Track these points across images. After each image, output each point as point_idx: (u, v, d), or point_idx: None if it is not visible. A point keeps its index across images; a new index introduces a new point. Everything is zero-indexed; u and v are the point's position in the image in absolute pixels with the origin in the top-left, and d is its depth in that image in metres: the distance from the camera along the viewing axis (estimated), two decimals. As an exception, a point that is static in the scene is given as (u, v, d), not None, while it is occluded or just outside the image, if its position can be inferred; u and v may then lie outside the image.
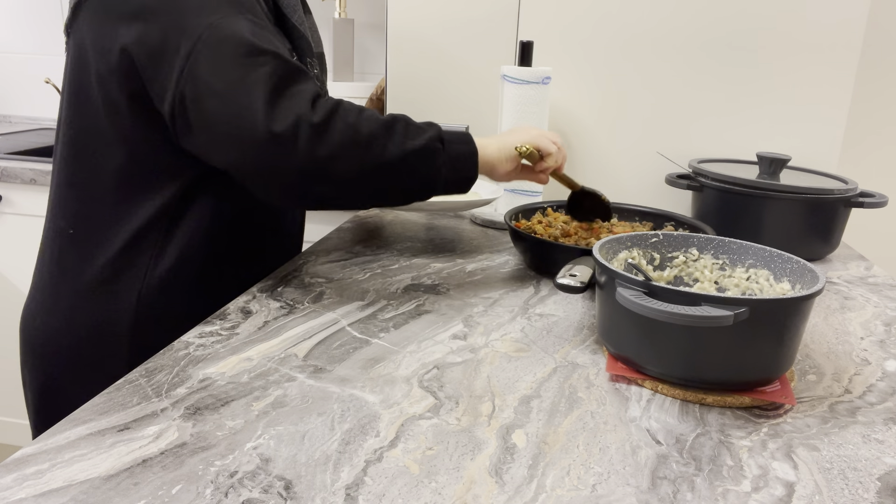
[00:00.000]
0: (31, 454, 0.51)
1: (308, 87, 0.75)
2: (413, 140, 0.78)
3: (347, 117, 0.75)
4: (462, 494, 0.49)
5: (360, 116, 0.76)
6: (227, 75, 0.72)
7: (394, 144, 0.77)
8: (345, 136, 0.74)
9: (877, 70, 1.54)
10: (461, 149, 0.83)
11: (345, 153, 0.74)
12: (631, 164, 1.37)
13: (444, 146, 0.81)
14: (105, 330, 0.83)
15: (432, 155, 0.80)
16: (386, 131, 0.77)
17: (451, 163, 0.81)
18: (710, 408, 0.63)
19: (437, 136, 0.81)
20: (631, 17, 1.30)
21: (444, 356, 0.71)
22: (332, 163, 0.74)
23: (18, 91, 2.32)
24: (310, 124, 0.72)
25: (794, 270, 0.72)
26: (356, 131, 0.74)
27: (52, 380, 0.86)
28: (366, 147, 0.75)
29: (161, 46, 0.74)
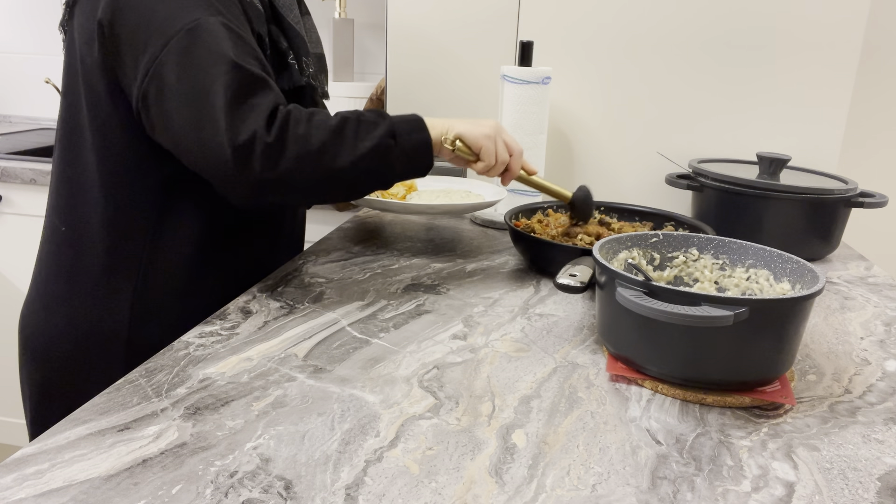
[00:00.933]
0: (31, 454, 0.51)
1: (266, 100, 0.75)
2: (364, 141, 0.78)
3: (297, 129, 0.75)
4: (462, 494, 0.49)
5: (310, 125, 0.76)
6: (192, 81, 0.73)
7: (345, 150, 0.77)
8: (298, 148, 0.75)
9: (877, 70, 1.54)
10: (414, 139, 0.82)
11: (298, 166, 0.75)
12: (631, 164, 1.37)
13: (396, 141, 0.81)
14: (101, 329, 0.83)
15: (385, 153, 0.80)
16: (336, 138, 0.77)
17: (404, 156, 0.82)
18: (710, 408, 0.63)
19: (389, 132, 0.80)
20: (631, 18, 1.30)
21: (444, 356, 0.71)
22: (287, 175, 0.75)
23: (18, 91, 2.32)
24: (264, 144, 0.73)
25: (794, 270, 0.72)
26: (307, 142, 0.75)
27: (50, 380, 0.86)
28: (317, 157, 0.76)
29: (130, 37, 0.74)
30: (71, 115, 0.82)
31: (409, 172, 0.84)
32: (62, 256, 0.84)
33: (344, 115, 0.79)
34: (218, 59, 0.73)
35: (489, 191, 1.22)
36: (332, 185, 0.79)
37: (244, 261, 0.92)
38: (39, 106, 2.31)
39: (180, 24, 0.74)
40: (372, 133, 0.79)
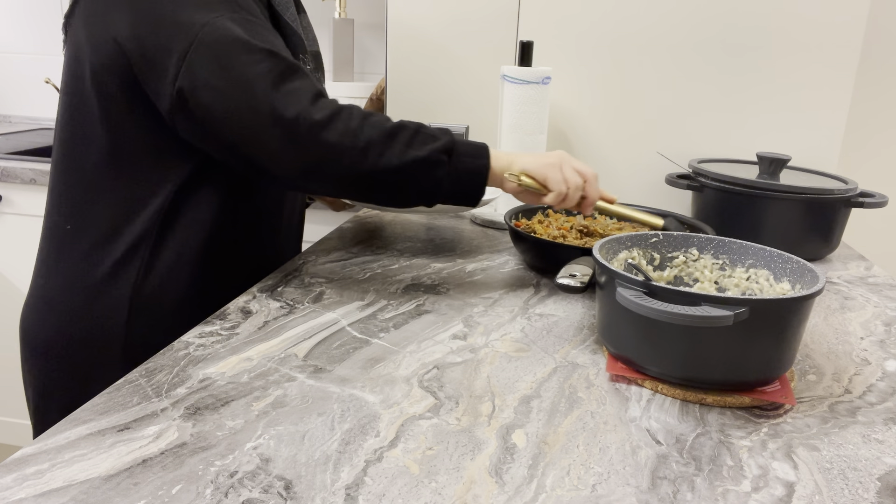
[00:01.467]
0: (31, 454, 0.51)
1: (306, 84, 0.76)
2: (416, 150, 0.78)
3: (350, 121, 0.76)
4: (462, 494, 0.49)
5: (364, 122, 0.76)
6: (226, 73, 0.73)
7: (392, 153, 0.77)
8: (343, 138, 0.75)
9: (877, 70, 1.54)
10: (469, 163, 0.81)
11: (340, 155, 0.75)
12: (631, 164, 1.37)
13: (450, 158, 0.80)
14: (101, 329, 0.83)
15: (433, 167, 0.79)
16: (387, 139, 0.77)
17: (455, 176, 0.80)
18: (710, 408, 0.63)
19: (444, 148, 0.79)
20: (631, 18, 1.30)
21: (444, 356, 0.71)
22: (327, 162, 0.75)
23: (18, 91, 2.32)
24: (311, 121, 0.73)
25: (794, 270, 0.72)
26: (355, 136, 0.75)
27: (52, 379, 0.86)
28: (362, 153, 0.75)
29: (155, 44, 0.75)
30: (76, 115, 0.82)
31: (458, 196, 0.82)
32: (63, 255, 0.85)
33: (404, 123, 0.79)
34: (249, 48, 0.74)
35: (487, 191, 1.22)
36: (370, 185, 0.78)
37: (244, 261, 0.92)
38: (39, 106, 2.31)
39: (203, 20, 0.74)
40: (427, 145, 0.78)
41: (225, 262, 0.89)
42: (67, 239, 0.84)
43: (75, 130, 0.82)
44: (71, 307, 0.84)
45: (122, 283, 0.83)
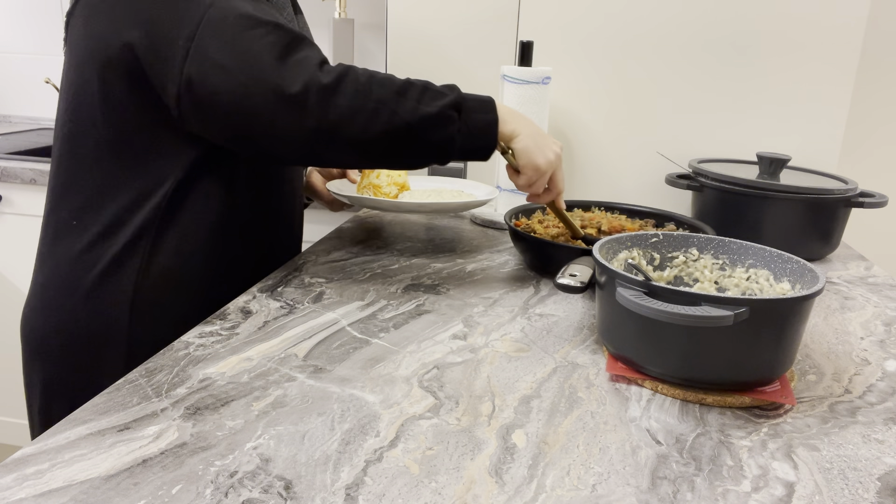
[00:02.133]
0: (31, 454, 0.51)
1: (312, 53, 0.76)
2: (426, 106, 0.77)
3: (358, 80, 0.75)
4: (462, 494, 0.49)
5: (373, 80, 0.76)
6: (233, 49, 0.73)
7: (404, 110, 0.76)
8: (354, 100, 0.74)
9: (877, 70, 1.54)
10: (479, 118, 0.81)
11: (353, 117, 0.74)
12: (631, 164, 1.37)
13: (460, 114, 0.80)
14: (102, 326, 0.83)
15: (445, 122, 0.78)
16: (397, 97, 0.76)
17: (466, 131, 0.80)
18: (710, 408, 0.63)
19: (454, 104, 0.79)
20: (631, 17, 1.30)
21: (444, 356, 0.71)
22: (341, 126, 0.74)
23: (18, 91, 2.32)
24: (319, 86, 0.73)
25: (794, 270, 0.72)
26: (366, 96, 0.75)
27: (52, 379, 0.86)
28: (374, 112, 0.75)
29: (162, 31, 0.75)
30: (78, 111, 0.81)
31: (469, 151, 0.82)
32: (63, 253, 0.85)
33: (411, 80, 0.78)
34: (253, 23, 0.74)
35: (481, 190, 1.23)
36: (384, 145, 0.77)
37: (244, 261, 0.92)
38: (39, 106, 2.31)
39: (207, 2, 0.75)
40: (437, 101, 0.78)
41: (225, 258, 0.89)
42: (68, 236, 0.84)
43: (77, 126, 0.82)
44: (72, 305, 0.84)
45: (123, 279, 0.83)
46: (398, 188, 1.17)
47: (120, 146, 0.81)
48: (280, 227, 0.99)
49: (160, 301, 0.84)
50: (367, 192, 1.12)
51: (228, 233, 0.89)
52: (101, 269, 0.83)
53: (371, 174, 1.14)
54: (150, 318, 0.84)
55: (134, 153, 0.81)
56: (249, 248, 0.93)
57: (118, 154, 0.81)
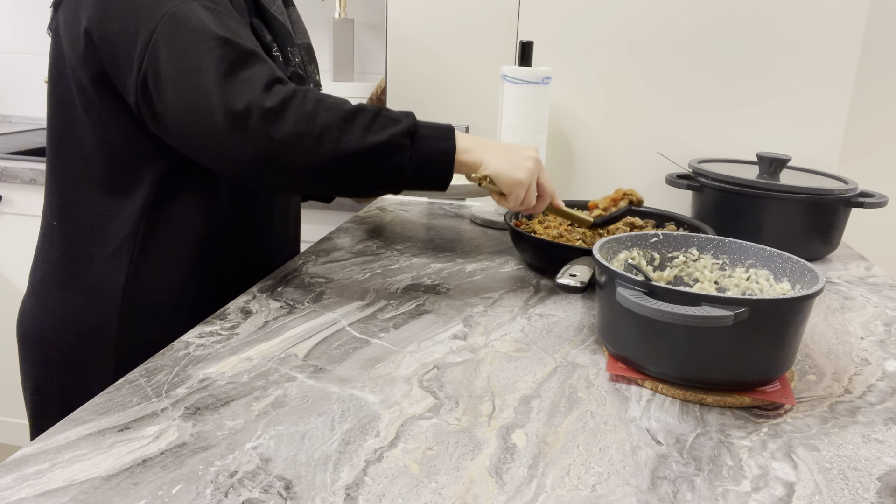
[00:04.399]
0: (31, 454, 0.51)
1: (261, 71, 0.73)
2: (375, 134, 0.74)
3: (304, 105, 0.72)
4: (462, 494, 0.49)
5: (320, 105, 0.73)
6: (183, 63, 0.71)
7: (350, 138, 0.73)
8: (298, 124, 0.71)
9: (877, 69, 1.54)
10: (434, 146, 0.78)
11: (297, 142, 0.71)
12: (631, 164, 1.37)
13: (413, 142, 0.76)
14: (93, 326, 0.83)
15: (394, 151, 0.75)
16: (344, 123, 0.73)
17: (418, 161, 0.77)
18: (710, 408, 0.63)
19: (406, 131, 0.76)
20: (631, 18, 1.30)
21: (444, 356, 0.71)
22: (283, 151, 0.71)
23: (18, 91, 2.32)
24: (262, 109, 0.70)
25: (794, 270, 0.72)
26: (310, 121, 0.72)
27: (47, 377, 0.86)
28: (318, 138, 0.72)
29: (119, 35, 0.74)
30: (62, 113, 0.82)
31: (423, 181, 0.79)
32: (55, 253, 0.85)
33: (364, 105, 0.76)
34: (205, 37, 0.72)
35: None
36: (332, 171, 0.74)
37: (235, 261, 0.92)
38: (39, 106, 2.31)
39: (165, 9, 0.73)
40: (387, 129, 0.75)
41: (214, 261, 0.89)
42: (57, 236, 0.84)
43: (60, 128, 0.82)
44: (63, 304, 0.84)
45: (112, 280, 0.83)
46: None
47: (99, 148, 0.81)
48: (272, 228, 0.98)
49: (152, 301, 0.84)
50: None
51: (216, 234, 0.88)
52: (91, 269, 0.83)
53: None
54: (142, 318, 0.84)
55: (113, 156, 0.81)
56: (239, 248, 0.92)
57: (99, 156, 0.81)
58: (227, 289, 0.88)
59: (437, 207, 1.37)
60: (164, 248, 0.84)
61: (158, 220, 0.83)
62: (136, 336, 0.83)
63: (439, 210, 1.35)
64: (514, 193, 0.84)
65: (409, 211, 1.33)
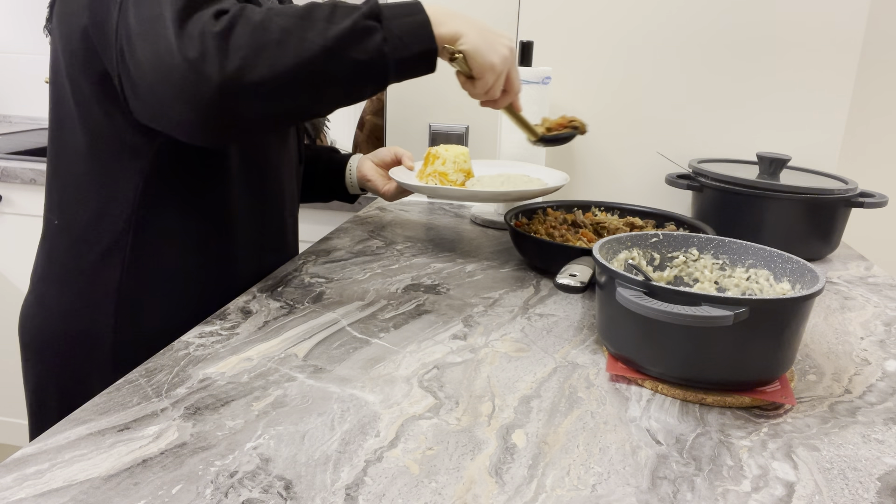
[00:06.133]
0: (31, 454, 0.51)
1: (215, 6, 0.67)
2: (338, 24, 0.68)
3: (252, 17, 0.66)
4: (462, 494, 0.49)
5: (271, 12, 0.67)
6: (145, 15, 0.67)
7: (314, 33, 0.67)
8: (252, 38, 0.65)
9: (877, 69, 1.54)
10: (406, 21, 0.71)
11: (257, 56, 0.65)
12: (631, 164, 1.37)
13: (381, 22, 0.70)
14: (89, 325, 0.83)
15: (366, 35, 0.69)
16: (302, 21, 0.67)
17: (395, 41, 0.70)
18: (710, 408, 0.63)
19: (370, 13, 0.70)
20: (631, 18, 1.30)
21: (444, 356, 0.71)
22: (246, 70, 0.65)
23: (18, 91, 2.32)
24: (211, 35, 0.64)
25: (794, 270, 0.72)
26: (265, 29, 0.66)
27: (46, 376, 0.86)
28: (279, 44, 0.65)
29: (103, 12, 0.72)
30: (57, 110, 0.82)
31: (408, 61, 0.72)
32: (54, 252, 0.85)
33: (315, 2, 0.70)
34: None
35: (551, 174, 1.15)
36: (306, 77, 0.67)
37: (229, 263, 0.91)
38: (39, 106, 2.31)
39: None
40: (350, 16, 0.69)
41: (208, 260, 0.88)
42: (56, 235, 0.85)
43: (57, 125, 0.83)
44: (62, 304, 0.84)
45: (107, 280, 0.83)
46: (465, 175, 1.09)
47: (93, 146, 0.81)
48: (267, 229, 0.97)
49: (144, 303, 0.84)
50: (433, 181, 1.06)
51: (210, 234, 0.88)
52: (87, 267, 0.83)
53: (436, 161, 1.06)
54: (136, 320, 0.84)
55: (105, 153, 0.81)
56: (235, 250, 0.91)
57: (92, 154, 0.81)
58: (226, 288, 0.88)
59: (437, 207, 1.37)
60: (156, 249, 0.84)
61: (148, 221, 0.83)
62: (133, 336, 0.83)
63: (439, 210, 1.35)
64: (484, 78, 0.79)
65: (409, 211, 1.33)
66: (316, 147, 1.20)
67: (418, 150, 1.41)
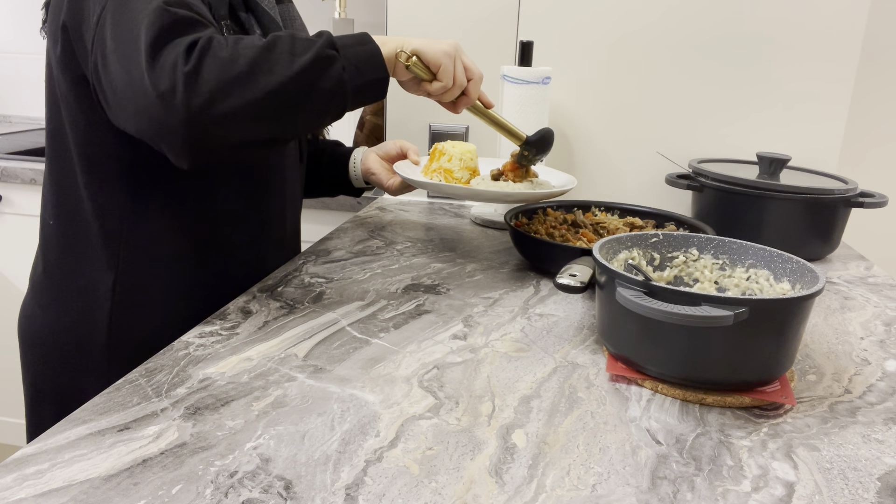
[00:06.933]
0: (31, 454, 0.51)
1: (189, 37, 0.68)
2: (302, 55, 0.71)
3: (220, 53, 0.68)
4: (462, 494, 0.49)
5: (237, 47, 0.69)
6: (121, 36, 0.68)
7: (281, 66, 0.70)
8: (221, 73, 0.67)
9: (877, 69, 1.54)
10: (360, 50, 0.77)
11: (226, 91, 0.67)
12: (631, 164, 1.37)
13: (339, 52, 0.75)
14: (85, 325, 0.83)
15: (328, 64, 0.73)
16: (268, 54, 0.70)
17: (353, 67, 0.75)
18: (710, 408, 0.63)
19: (329, 43, 0.74)
20: (631, 18, 1.30)
21: (444, 356, 0.71)
22: (217, 104, 0.67)
23: (18, 91, 2.32)
24: (183, 75, 0.66)
25: (794, 270, 0.72)
26: (233, 64, 0.68)
27: (44, 375, 0.87)
28: (248, 78, 0.68)
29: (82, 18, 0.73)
30: (53, 114, 0.83)
31: (365, 88, 0.77)
32: (51, 253, 0.85)
33: (277, 34, 0.73)
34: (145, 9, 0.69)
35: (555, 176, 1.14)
36: (273, 109, 0.70)
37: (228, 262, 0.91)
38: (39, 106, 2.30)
39: None
40: (311, 47, 0.72)
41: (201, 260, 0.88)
42: (53, 236, 0.85)
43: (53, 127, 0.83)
44: (58, 304, 0.84)
45: (101, 280, 0.83)
46: (470, 173, 1.08)
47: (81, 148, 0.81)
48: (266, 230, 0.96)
49: (139, 304, 0.84)
50: (438, 177, 1.06)
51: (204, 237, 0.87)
52: (80, 269, 0.83)
53: (442, 157, 1.06)
54: (130, 321, 0.84)
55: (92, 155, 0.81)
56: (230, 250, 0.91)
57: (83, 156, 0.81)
58: (222, 289, 0.88)
59: (437, 207, 1.37)
60: (152, 250, 0.84)
61: (143, 222, 0.83)
62: (127, 337, 0.83)
63: (439, 210, 1.35)
64: (443, 66, 0.84)
65: (409, 211, 1.33)
66: (321, 141, 1.20)
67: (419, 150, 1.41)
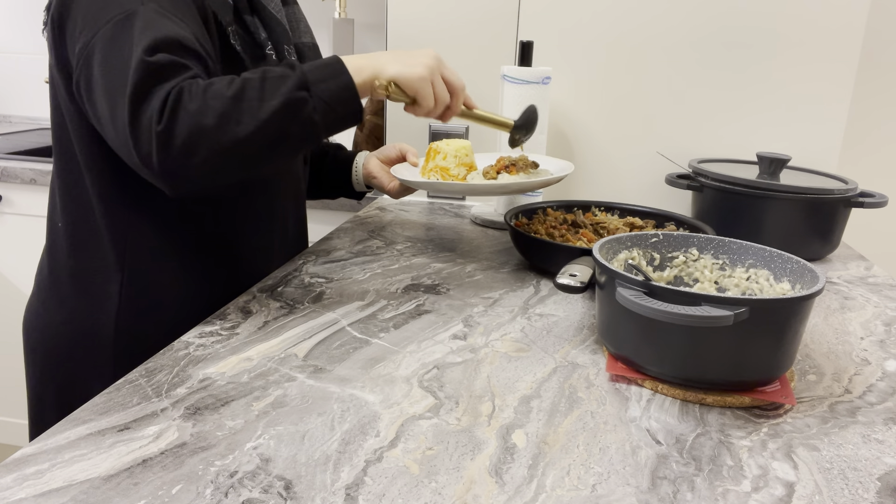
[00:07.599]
0: (31, 454, 0.51)
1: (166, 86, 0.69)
2: (270, 100, 0.71)
3: (190, 105, 0.69)
4: (462, 494, 0.49)
5: (205, 97, 0.70)
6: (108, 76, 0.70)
7: (248, 115, 0.70)
8: (191, 128, 0.68)
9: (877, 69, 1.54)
10: (332, 86, 0.75)
11: (197, 143, 0.69)
12: (631, 164, 1.37)
13: (310, 92, 0.74)
14: (91, 328, 0.83)
15: (297, 107, 0.72)
16: (236, 103, 0.70)
17: (325, 106, 0.74)
18: (710, 408, 0.63)
19: (298, 84, 0.73)
20: (631, 18, 1.30)
21: (444, 356, 0.71)
22: (190, 158, 0.69)
23: (18, 91, 2.32)
24: (156, 135, 0.68)
25: (794, 270, 0.72)
26: (202, 117, 0.69)
27: (48, 375, 0.87)
28: (216, 130, 0.69)
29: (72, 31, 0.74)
30: (56, 114, 0.83)
31: (336, 124, 0.77)
32: (58, 254, 0.85)
33: (246, 77, 0.73)
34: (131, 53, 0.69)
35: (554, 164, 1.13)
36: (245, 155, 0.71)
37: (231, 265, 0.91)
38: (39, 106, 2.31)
39: (111, 14, 0.71)
40: (279, 89, 0.72)
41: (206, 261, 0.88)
42: (60, 237, 0.85)
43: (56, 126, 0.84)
44: (65, 307, 0.84)
45: (108, 282, 0.83)
46: (466, 169, 1.08)
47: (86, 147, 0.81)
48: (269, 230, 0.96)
49: (145, 305, 0.84)
50: (434, 176, 1.06)
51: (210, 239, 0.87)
52: (86, 271, 0.83)
53: (437, 156, 1.06)
54: (137, 321, 0.84)
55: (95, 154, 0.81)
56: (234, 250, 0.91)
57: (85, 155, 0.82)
58: (229, 290, 0.88)
59: (437, 207, 1.37)
60: (157, 253, 0.84)
61: (149, 225, 0.83)
62: (134, 338, 0.83)
63: (439, 210, 1.35)
64: (421, 91, 0.82)
65: (409, 211, 1.33)
66: (324, 144, 1.20)
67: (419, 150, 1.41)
